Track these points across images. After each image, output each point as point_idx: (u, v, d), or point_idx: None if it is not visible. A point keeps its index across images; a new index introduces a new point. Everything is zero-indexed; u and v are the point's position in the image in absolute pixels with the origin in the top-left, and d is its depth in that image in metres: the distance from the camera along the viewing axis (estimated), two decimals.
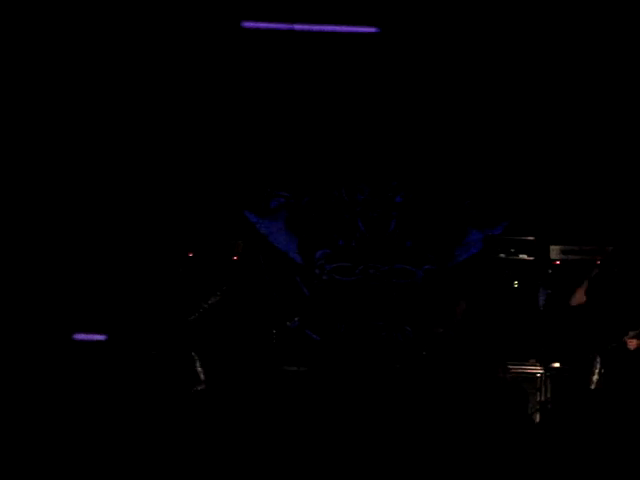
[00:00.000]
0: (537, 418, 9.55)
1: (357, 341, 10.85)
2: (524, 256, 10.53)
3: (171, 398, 9.12)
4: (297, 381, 10.25)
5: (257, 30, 10.60)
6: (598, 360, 8.55)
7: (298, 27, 10.62)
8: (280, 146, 11.16)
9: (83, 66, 10.60)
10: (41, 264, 10.55)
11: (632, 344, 8.38)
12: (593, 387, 8.52)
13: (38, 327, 10.26)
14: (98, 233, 10.81)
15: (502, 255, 10.54)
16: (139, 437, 8.07)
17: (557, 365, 10.02)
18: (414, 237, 11.20)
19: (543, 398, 9.85)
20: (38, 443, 7.75)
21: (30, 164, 10.67)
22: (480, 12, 10.49)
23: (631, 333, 8.40)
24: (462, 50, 10.63)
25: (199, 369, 9.39)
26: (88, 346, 10.24)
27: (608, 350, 8.48)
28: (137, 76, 10.72)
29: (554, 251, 10.44)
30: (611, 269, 8.80)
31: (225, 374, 10.18)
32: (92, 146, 10.85)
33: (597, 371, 8.55)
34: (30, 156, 10.68)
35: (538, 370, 10.07)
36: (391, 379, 10.24)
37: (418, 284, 11.09)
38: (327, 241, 11.24)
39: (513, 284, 10.50)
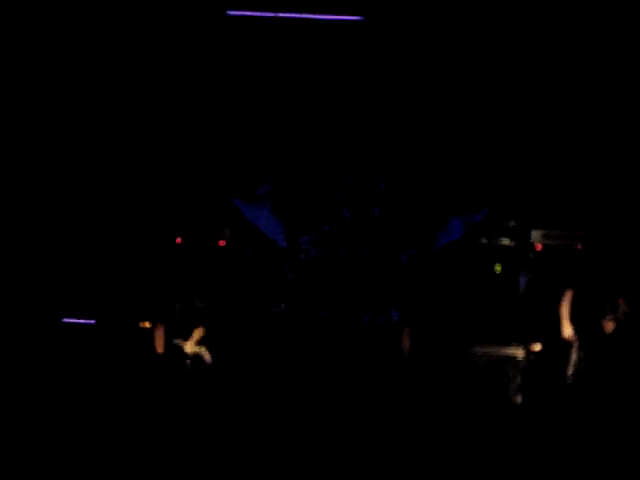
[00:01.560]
0: (518, 400, 9.65)
1: (340, 325, 10.95)
2: (506, 241, 10.61)
3: (156, 384, 9.20)
4: (281, 366, 10.35)
5: (242, 18, 10.62)
6: (577, 343, 8.66)
7: (283, 15, 10.65)
8: (266, 133, 11.21)
9: (65, 54, 10.62)
10: (31, 251, 10.61)
11: (609, 327, 8.51)
12: (571, 369, 8.62)
13: (28, 311, 10.33)
14: (87, 220, 10.85)
15: (484, 240, 10.62)
16: (126, 421, 8.15)
17: (538, 348, 10.12)
18: (398, 223, 11.28)
19: (523, 380, 9.95)
20: (29, 426, 7.80)
21: (14, 152, 10.70)
22: (463, 1, 10.56)
23: (608, 316, 8.53)
24: (445, 39, 10.67)
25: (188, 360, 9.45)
26: (77, 329, 10.32)
27: (586, 333, 8.59)
28: (121, 64, 10.74)
29: (535, 236, 10.53)
30: (590, 255, 8.91)
31: (213, 360, 10.27)
32: (76, 135, 10.87)
33: (576, 354, 8.66)
34: (14, 145, 10.71)
35: (519, 353, 10.16)
36: (373, 362, 10.34)
37: (402, 268, 11.18)
38: (312, 227, 11.33)
39: (495, 268, 10.58)
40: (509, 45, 10.59)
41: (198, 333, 9.35)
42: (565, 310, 8.71)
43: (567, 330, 8.65)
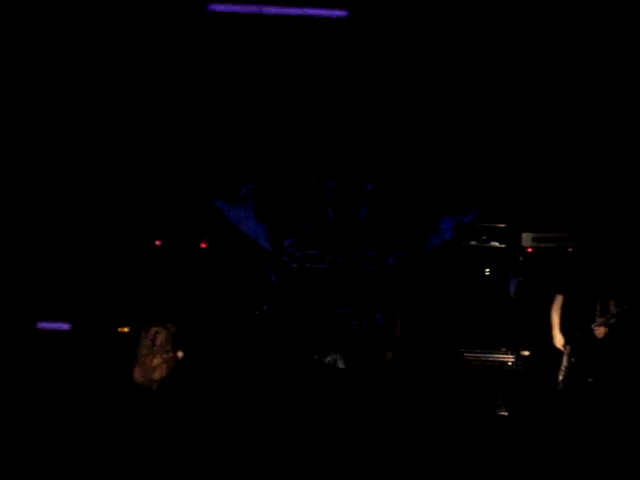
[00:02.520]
0: (503, 410, 9.53)
1: (326, 330, 10.77)
2: (495, 243, 10.45)
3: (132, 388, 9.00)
4: (266, 370, 10.19)
5: (224, 13, 10.41)
6: (568, 349, 8.50)
7: (267, 10, 10.44)
8: (249, 133, 11.05)
9: (41, 56, 10.44)
10: (6, 253, 10.43)
11: (599, 332, 8.34)
12: (562, 376, 8.46)
13: (2, 315, 10.15)
14: (63, 222, 10.69)
15: (473, 242, 10.45)
16: (104, 428, 7.97)
17: (527, 353, 9.97)
18: (384, 225, 11.13)
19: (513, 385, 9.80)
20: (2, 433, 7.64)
21: None
22: None
23: (598, 321, 8.37)
24: (431, 36, 10.51)
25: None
26: (52, 335, 10.13)
27: (576, 338, 8.44)
28: (97, 64, 10.55)
29: (526, 238, 10.38)
30: (581, 258, 8.75)
31: (194, 362, 10.09)
32: (51, 138, 10.70)
33: (566, 359, 8.50)
34: None
35: (509, 358, 10.01)
36: (360, 368, 10.21)
37: (389, 271, 11.03)
38: (296, 229, 11.17)
39: (484, 271, 10.43)
40: (498, 43, 10.44)
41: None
42: (555, 317, 8.53)
43: (558, 338, 8.48)
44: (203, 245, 10.63)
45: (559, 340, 8.50)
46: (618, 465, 7.07)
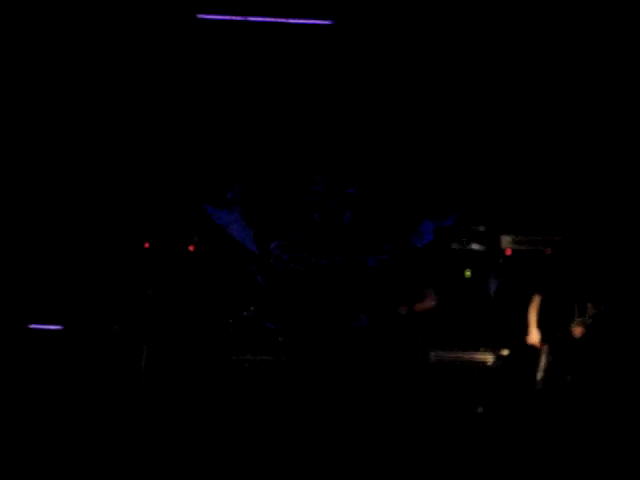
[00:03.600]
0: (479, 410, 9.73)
1: (312, 331, 10.92)
2: (476, 246, 10.65)
3: (124, 388, 9.15)
4: (253, 371, 10.33)
5: (212, 22, 10.58)
6: (546, 348, 8.69)
7: (253, 19, 10.63)
8: (235, 137, 11.18)
9: (31, 59, 10.55)
10: None
11: (577, 332, 8.55)
12: (540, 375, 8.66)
13: None
14: (54, 223, 10.77)
15: (454, 245, 10.65)
16: (95, 428, 8.10)
17: (507, 353, 10.17)
18: (368, 227, 11.29)
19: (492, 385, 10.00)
20: None
21: None
22: (433, 3, 10.57)
23: (576, 321, 8.57)
24: (415, 42, 10.68)
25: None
26: (44, 336, 10.23)
27: (555, 339, 8.63)
28: (92, 69, 10.67)
29: (505, 241, 10.58)
30: (559, 259, 8.96)
31: (181, 364, 10.24)
32: (40, 139, 10.79)
33: (545, 359, 8.69)
34: None
35: (488, 358, 10.21)
36: (346, 368, 10.34)
37: (372, 273, 11.19)
38: (282, 232, 11.31)
39: (465, 273, 10.62)
40: (480, 48, 10.61)
41: None
42: (533, 316, 8.74)
43: (534, 336, 8.68)
44: (191, 248, 10.77)
45: (535, 337, 8.68)
46: (597, 462, 7.28)
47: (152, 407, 9.01)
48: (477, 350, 10.29)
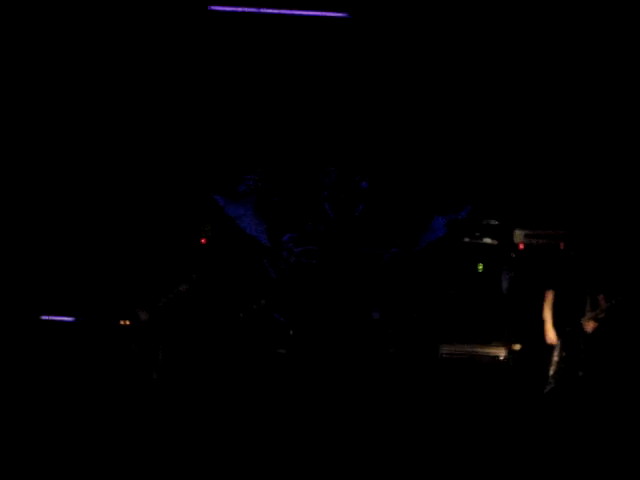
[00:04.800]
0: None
1: (323, 324, 10.92)
2: (488, 240, 10.61)
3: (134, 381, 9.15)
4: (264, 363, 10.35)
5: (224, 13, 10.55)
6: (558, 342, 8.64)
7: (266, 11, 10.59)
8: (248, 130, 11.18)
9: (42, 54, 10.57)
10: (10, 248, 10.56)
11: (589, 326, 8.50)
12: (552, 370, 8.61)
13: (6, 308, 10.28)
14: (68, 216, 10.82)
15: (467, 239, 10.61)
16: (108, 420, 8.11)
17: (519, 347, 10.13)
18: (380, 221, 11.27)
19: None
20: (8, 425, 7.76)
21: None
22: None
23: (588, 315, 8.52)
24: (428, 36, 10.64)
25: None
26: (56, 327, 10.27)
27: (566, 333, 8.58)
28: (99, 61, 10.69)
29: (518, 235, 10.54)
30: (571, 253, 8.91)
31: (194, 357, 10.25)
32: (56, 133, 10.83)
33: (557, 353, 8.64)
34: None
35: (501, 352, 10.17)
36: (356, 361, 10.34)
37: (384, 267, 11.17)
38: (294, 225, 11.31)
39: (477, 267, 10.58)
40: (494, 42, 10.56)
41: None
42: (548, 313, 8.67)
43: (550, 334, 8.63)
44: (203, 241, 10.77)
45: (552, 336, 8.63)
46: (609, 458, 7.23)
47: (163, 399, 9.00)
48: (489, 344, 10.23)
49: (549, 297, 8.75)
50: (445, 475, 6.94)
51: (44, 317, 10.36)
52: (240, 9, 10.52)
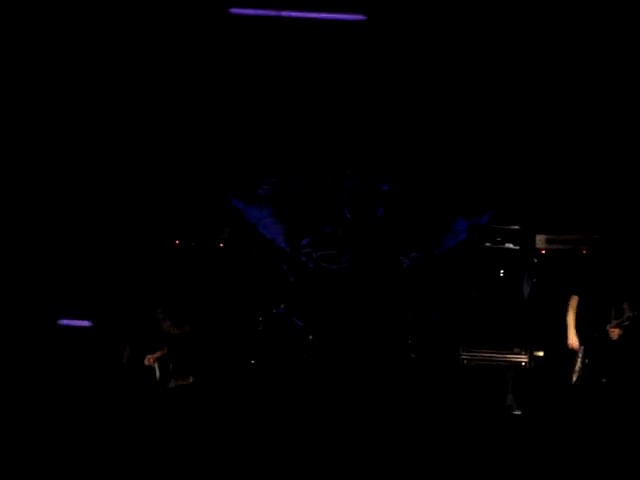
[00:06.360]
0: (515, 409, 9.64)
1: (342, 329, 10.87)
2: (510, 245, 10.55)
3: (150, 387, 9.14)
4: (281, 367, 10.33)
5: (244, 17, 10.54)
6: (582, 350, 8.57)
7: (286, 14, 10.56)
8: (267, 134, 11.16)
9: (62, 52, 10.56)
10: (26, 252, 10.55)
11: (614, 334, 8.42)
12: (575, 377, 8.53)
13: (23, 312, 10.27)
14: (84, 221, 10.81)
15: (488, 244, 10.55)
16: (121, 424, 8.09)
17: (541, 354, 10.06)
18: (401, 225, 11.22)
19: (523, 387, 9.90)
20: (23, 428, 7.75)
21: (6, 152, 10.64)
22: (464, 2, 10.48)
23: (613, 322, 8.44)
24: (448, 39, 10.61)
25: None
26: (73, 332, 10.25)
27: (591, 340, 8.51)
28: (121, 62, 10.68)
29: (540, 240, 10.48)
30: (595, 259, 8.84)
31: (212, 361, 10.23)
32: (72, 135, 10.81)
33: (580, 360, 8.57)
34: (7, 144, 10.65)
35: (523, 358, 10.11)
36: (375, 366, 10.30)
37: (404, 272, 11.12)
38: (313, 229, 11.26)
39: (499, 273, 10.52)
40: (514, 45, 10.52)
41: (160, 352, 9.26)
42: (571, 318, 8.59)
43: (573, 339, 8.54)
44: (221, 244, 10.75)
45: (574, 341, 8.56)
46: (630, 465, 7.17)
47: (179, 404, 8.99)
48: (511, 350, 10.17)
49: (573, 302, 8.67)
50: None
51: (61, 322, 10.34)
52: (260, 12, 10.50)
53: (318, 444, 7.73)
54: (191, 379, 9.33)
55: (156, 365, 9.12)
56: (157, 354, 9.08)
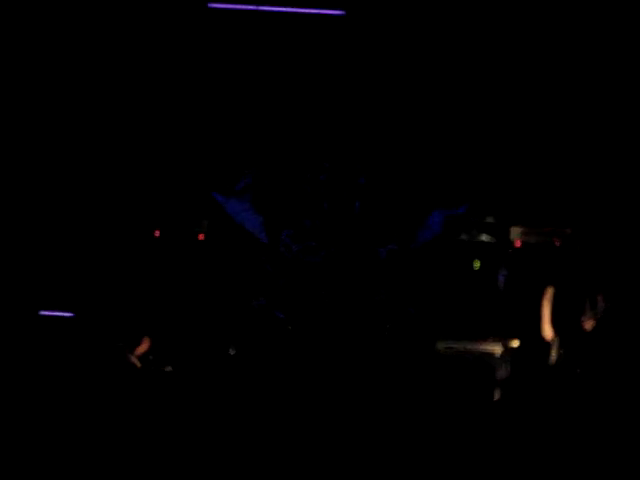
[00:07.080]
0: (496, 395, 9.72)
1: (321, 321, 10.95)
2: (485, 237, 10.66)
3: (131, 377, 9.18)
4: (261, 360, 10.37)
5: (223, 11, 10.57)
6: (557, 340, 8.71)
7: (264, 8, 10.61)
8: (245, 126, 11.18)
9: (42, 52, 10.56)
10: (9, 243, 10.55)
11: (588, 325, 8.57)
12: (551, 366, 8.68)
13: (4, 303, 10.27)
14: (65, 212, 10.80)
15: (463, 236, 10.66)
16: (101, 415, 8.12)
17: (516, 344, 10.19)
18: (378, 218, 11.29)
19: (502, 376, 10.01)
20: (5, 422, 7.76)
21: None
22: None
23: (587, 314, 8.58)
24: (425, 33, 10.67)
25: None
26: (55, 322, 10.26)
27: (566, 331, 8.64)
28: (97, 57, 10.67)
29: (514, 232, 10.59)
30: (569, 251, 8.97)
31: (190, 354, 10.27)
32: (53, 130, 10.80)
33: (555, 351, 8.71)
34: None
35: (497, 349, 10.23)
36: (354, 358, 10.36)
37: (381, 264, 11.20)
38: (292, 221, 11.31)
39: (474, 265, 10.63)
40: (493, 40, 10.60)
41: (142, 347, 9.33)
42: (546, 310, 8.74)
43: (548, 331, 8.69)
44: (200, 237, 10.78)
45: (549, 332, 8.70)
46: (607, 457, 7.28)
47: (158, 398, 9.02)
48: (485, 341, 10.29)
49: (549, 293, 8.80)
50: (441, 472, 6.97)
51: (43, 312, 10.35)
52: (239, 7, 10.53)
53: (298, 434, 7.77)
54: (169, 368, 9.39)
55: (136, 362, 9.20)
56: (138, 351, 9.15)
